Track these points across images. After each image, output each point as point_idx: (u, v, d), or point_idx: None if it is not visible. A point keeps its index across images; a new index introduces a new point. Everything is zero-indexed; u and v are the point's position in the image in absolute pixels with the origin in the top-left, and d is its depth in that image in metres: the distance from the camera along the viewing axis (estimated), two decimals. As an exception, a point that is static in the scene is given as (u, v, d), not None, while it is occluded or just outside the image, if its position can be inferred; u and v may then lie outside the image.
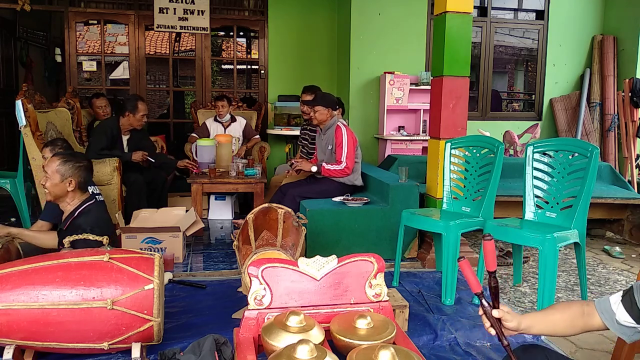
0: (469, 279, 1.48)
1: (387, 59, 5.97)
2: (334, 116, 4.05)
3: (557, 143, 3.07)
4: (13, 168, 5.05)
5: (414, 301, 2.96)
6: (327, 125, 4.04)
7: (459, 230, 3.01)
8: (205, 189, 4.47)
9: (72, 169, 2.78)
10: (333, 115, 4.04)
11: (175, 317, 2.65)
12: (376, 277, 1.97)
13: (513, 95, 9.26)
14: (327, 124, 4.04)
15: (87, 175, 2.87)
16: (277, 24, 6.36)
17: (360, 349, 1.60)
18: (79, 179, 2.80)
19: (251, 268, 1.88)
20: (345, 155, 3.88)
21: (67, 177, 2.76)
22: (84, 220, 2.75)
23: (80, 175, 2.80)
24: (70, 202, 2.83)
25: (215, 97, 5.79)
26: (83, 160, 2.87)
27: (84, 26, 6.79)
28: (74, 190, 2.80)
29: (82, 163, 2.84)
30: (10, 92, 6.65)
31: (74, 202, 2.83)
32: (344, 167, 3.89)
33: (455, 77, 3.54)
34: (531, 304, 3.06)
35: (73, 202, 2.83)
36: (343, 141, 3.89)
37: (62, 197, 2.81)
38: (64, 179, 2.76)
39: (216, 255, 3.79)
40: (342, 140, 3.89)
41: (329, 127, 4.04)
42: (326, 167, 3.92)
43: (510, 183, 4.03)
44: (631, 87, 5.67)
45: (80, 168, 2.81)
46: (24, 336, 1.99)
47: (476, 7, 6.29)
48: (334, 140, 3.96)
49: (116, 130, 4.31)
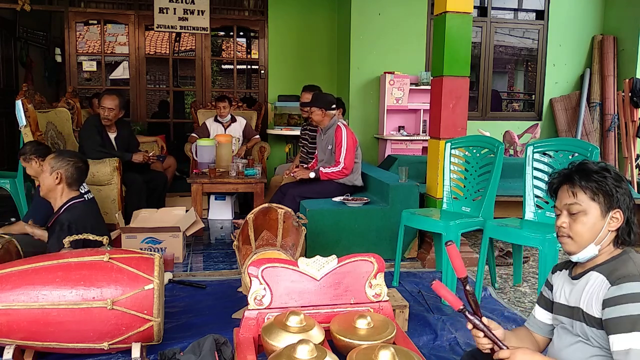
0: (454, 263, 1.53)
1: (387, 59, 5.97)
2: (331, 117, 4.05)
3: (557, 143, 3.07)
4: (13, 168, 5.06)
5: (414, 301, 2.96)
6: (328, 125, 4.05)
7: (459, 230, 3.01)
8: (205, 189, 4.47)
9: (61, 162, 2.78)
10: (329, 116, 4.05)
11: (175, 317, 2.65)
12: (376, 277, 1.97)
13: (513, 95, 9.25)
14: (328, 124, 4.05)
15: (77, 173, 2.84)
16: (277, 24, 6.36)
17: (360, 349, 1.61)
18: (66, 174, 2.79)
19: (251, 268, 1.88)
20: (343, 155, 3.88)
21: (55, 169, 2.77)
22: (65, 216, 2.75)
23: (68, 171, 2.79)
24: (59, 198, 2.83)
25: (216, 97, 5.79)
26: (76, 159, 2.86)
27: (84, 26, 6.78)
28: (61, 185, 2.80)
29: (74, 160, 2.83)
30: (10, 92, 6.65)
31: (62, 199, 2.82)
32: (342, 167, 3.89)
33: (455, 77, 3.54)
34: (531, 304, 3.06)
35: (61, 199, 2.82)
36: (343, 141, 3.89)
37: (52, 192, 2.82)
38: (52, 172, 2.77)
39: (216, 255, 3.79)
40: (342, 140, 3.90)
41: (329, 127, 4.04)
42: (324, 171, 3.92)
43: (510, 183, 4.02)
44: (631, 87, 5.66)
45: (70, 164, 2.80)
46: (24, 336, 1.99)
47: (476, 7, 6.29)
48: (334, 141, 3.96)
49: (100, 127, 4.28)
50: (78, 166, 2.85)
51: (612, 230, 1.41)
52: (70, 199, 2.82)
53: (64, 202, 2.82)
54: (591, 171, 1.42)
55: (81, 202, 2.86)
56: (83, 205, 2.87)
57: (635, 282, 1.29)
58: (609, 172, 1.42)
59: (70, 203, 2.81)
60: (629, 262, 1.36)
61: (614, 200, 1.39)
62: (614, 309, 1.29)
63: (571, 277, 1.49)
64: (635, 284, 1.28)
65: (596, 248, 1.42)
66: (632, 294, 1.27)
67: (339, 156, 3.91)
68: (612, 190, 1.39)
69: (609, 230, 1.41)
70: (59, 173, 2.77)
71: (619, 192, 1.40)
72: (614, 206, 1.40)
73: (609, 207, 1.40)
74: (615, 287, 1.31)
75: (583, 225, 1.41)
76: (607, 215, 1.40)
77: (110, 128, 4.34)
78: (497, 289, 3.29)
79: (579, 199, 1.42)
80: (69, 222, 2.68)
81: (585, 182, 1.41)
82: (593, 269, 1.42)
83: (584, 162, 1.46)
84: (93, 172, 3.91)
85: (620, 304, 1.28)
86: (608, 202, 1.40)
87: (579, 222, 1.42)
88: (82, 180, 2.93)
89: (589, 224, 1.41)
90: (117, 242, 3.46)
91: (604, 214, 1.40)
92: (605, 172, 1.41)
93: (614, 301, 1.29)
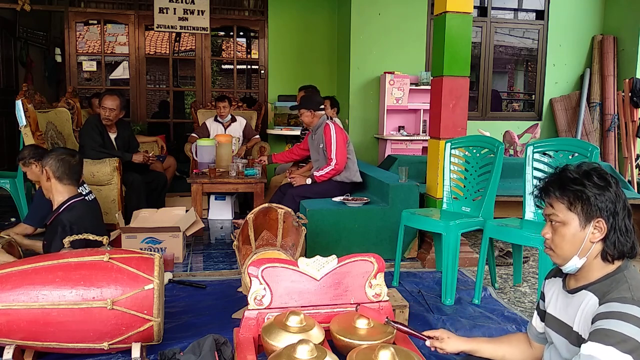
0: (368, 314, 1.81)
1: (387, 59, 5.97)
2: (320, 117, 4.07)
3: (557, 143, 3.07)
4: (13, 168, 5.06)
5: (414, 301, 2.96)
6: (316, 125, 4.08)
7: (459, 230, 3.01)
8: (205, 189, 4.46)
9: (46, 159, 2.77)
10: (318, 116, 4.07)
11: (175, 317, 2.65)
12: (376, 277, 1.97)
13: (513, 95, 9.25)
14: (316, 124, 4.07)
15: (63, 165, 2.77)
16: (277, 24, 6.36)
17: (360, 349, 1.61)
18: (52, 168, 2.75)
19: (251, 268, 1.88)
20: (334, 152, 3.91)
21: (43, 167, 2.77)
22: (65, 215, 2.74)
23: (53, 165, 2.75)
24: (57, 196, 2.81)
25: (216, 97, 5.78)
26: (66, 155, 2.82)
27: (84, 26, 6.77)
28: (51, 181, 2.77)
29: (63, 156, 2.79)
30: (10, 92, 6.65)
31: (62, 197, 2.81)
32: (334, 164, 3.91)
33: (455, 77, 3.54)
34: (531, 304, 3.06)
35: (61, 197, 2.82)
36: (332, 138, 3.93)
37: (49, 192, 2.82)
38: (42, 169, 2.78)
39: (216, 255, 3.79)
40: (331, 137, 3.93)
41: (317, 127, 4.08)
42: (318, 174, 3.94)
43: (510, 183, 4.02)
44: (631, 87, 5.67)
45: (53, 157, 2.76)
46: (24, 336, 1.99)
47: (476, 7, 6.29)
48: (324, 139, 3.98)
49: (101, 127, 4.28)
50: (61, 158, 2.77)
51: (595, 242, 1.33)
52: (69, 198, 2.82)
53: (63, 200, 2.81)
54: (568, 180, 1.34)
55: (80, 201, 2.86)
56: (83, 204, 2.87)
57: (625, 304, 1.22)
58: (590, 178, 1.32)
59: (70, 202, 2.81)
60: (623, 285, 1.28)
61: (594, 209, 1.30)
62: (598, 322, 1.24)
63: (566, 290, 1.43)
64: (624, 306, 1.22)
65: (580, 261, 1.35)
66: (618, 312, 1.21)
67: (330, 153, 3.93)
68: (591, 198, 1.30)
69: (591, 242, 1.33)
70: (45, 170, 2.77)
71: (600, 200, 1.30)
72: (595, 215, 1.31)
73: (590, 217, 1.31)
74: (604, 306, 1.26)
75: (562, 237, 1.35)
76: (589, 226, 1.32)
77: (110, 128, 4.34)
78: (497, 289, 3.29)
79: (557, 209, 1.35)
80: (70, 223, 2.67)
81: (560, 193, 1.34)
82: (587, 287, 1.35)
83: (563, 169, 1.38)
84: (93, 172, 3.91)
85: (605, 319, 1.22)
86: (587, 211, 1.31)
87: (559, 233, 1.36)
88: (74, 173, 2.85)
89: (569, 236, 1.34)
90: (117, 242, 3.46)
91: (584, 224, 1.32)
92: (585, 179, 1.32)
93: (598, 317, 1.25)
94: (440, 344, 1.63)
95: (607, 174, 1.35)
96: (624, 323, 1.19)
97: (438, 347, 1.63)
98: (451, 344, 1.62)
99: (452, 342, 1.62)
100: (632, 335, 1.18)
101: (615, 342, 1.18)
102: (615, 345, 1.17)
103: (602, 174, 1.34)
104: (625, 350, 1.17)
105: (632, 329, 1.18)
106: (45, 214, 2.92)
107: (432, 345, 1.64)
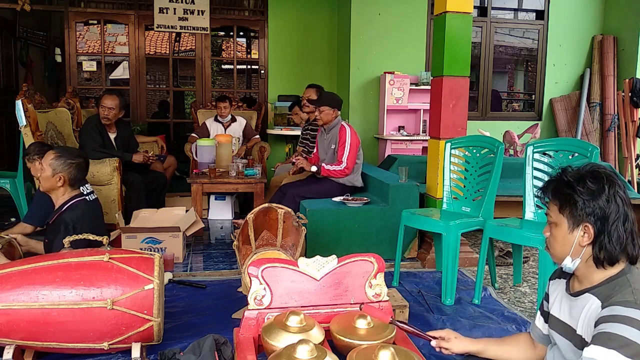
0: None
1: (387, 59, 5.97)
2: (337, 116, 4.06)
3: (557, 143, 3.07)
4: (13, 168, 5.05)
5: (414, 301, 2.96)
6: (332, 124, 4.05)
7: (459, 230, 3.01)
8: (205, 189, 4.46)
9: (63, 165, 2.77)
10: (336, 115, 4.05)
11: (175, 317, 2.65)
12: (376, 277, 1.97)
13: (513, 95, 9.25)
14: (332, 123, 4.05)
15: (79, 173, 2.85)
16: (277, 24, 6.36)
17: (360, 349, 1.61)
18: (69, 176, 2.79)
19: (251, 268, 1.88)
20: (346, 155, 3.89)
21: (57, 172, 2.76)
22: (68, 215, 2.75)
23: (71, 173, 2.79)
24: (61, 196, 2.83)
25: (216, 97, 5.78)
26: (77, 158, 2.85)
27: (84, 26, 6.77)
28: (63, 186, 2.80)
29: (76, 160, 2.83)
30: (10, 92, 6.65)
31: (64, 196, 2.83)
32: (344, 167, 3.89)
33: (455, 77, 3.54)
34: (531, 304, 3.06)
35: (63, 197, 2.83)
36: (347, 141, 3.90)
37: (54, 191, 2.83)
38: (54, 174, 2.76)
39: (216, 255, 3.79)
40: (346, 140, 3.91)
41: (332, 126, 4.05)
42: (326, 168, 3.92)
43: (510, 183, 4.02)
44: (631, 87, 5.67)
45: (72, 165, 2.79)
46: (24, 336, 1.99)
47: (476, 7, 6.29)
48: (338, 140, 3.97)
49: (101, 127, 4.28)
50: (81, 167, 2.85)
51: (584, 245, 1.34)
52: (72, 198, 2.83)
53: (66, 200, 2.82)
54: (562, 183, 1.36)
55: (82, 200, 2.87)
56: (85, 204, 2.87)
57: (628, 308, 1.23)
58: (583, 183, 1.33)
59: (72, 202, 2.82)
60: (627, 288, 1.28)
61: (582, 214, 1.32)
62: (600, 326, 1.24)
63: (569, 293, 1.44)
64: (627, 309, 1.22)
65: (574, 262, 1.37)
66: (621, 316, 1.22)
67: (341, 155, 3.91)
68: (579, 203, 1.32)
69: (580, 245, 1.35)
70: (62, 176, 2.77)
71: (588, 206, 1.31)
72: (583, 220, 1.33)
73: (578, 221, 1.34)
74: (606, 309, 1.26)
75: (555, 238, 1.39)
76: (577, 230, 1.34)
77: (110, 128, 4.34)
78: (497, 289, 3.29)
79: (550, 210, 1.40)
80: (73, 222, 2.68)
81: (552, 195, 1.38)
82: (590, 290, 1.35)
83: (562, 171, 1.40)
84: (93, 172, 3.91)
85: (608, 322, 1.23)
86: (575, 215, 1.34)
87: (552, 234, 1.40)
88: (84, 177, 2.93)
89: (559, 237, 1.38)
90: (117, 242, 3.46)
91: (572, 228, 1.35)
92: (577, 183, 1.33)
93: (601, 320, 1.25)
94: (446, 345, 1.61)
95: (604, 179, 1.33)
96: (626, 327, 1.20)
97: (444, 348, 1.62)
98: (458, 344, 1.61)
99: (459, 343, 1.61)
100: (635, 339, 1.18)
101: (617, 345, 1.18)
102: (617, 349, 1.18)
103: (599, 178, 1.33)
104: (627, 354, 1.17)
105: (635, 333, 1.18)
106: (46, 213, 2.92)
107: (438, 346, 1.63)
